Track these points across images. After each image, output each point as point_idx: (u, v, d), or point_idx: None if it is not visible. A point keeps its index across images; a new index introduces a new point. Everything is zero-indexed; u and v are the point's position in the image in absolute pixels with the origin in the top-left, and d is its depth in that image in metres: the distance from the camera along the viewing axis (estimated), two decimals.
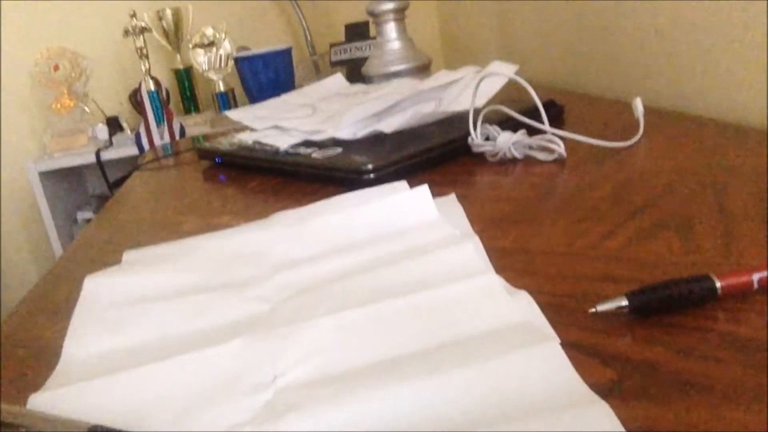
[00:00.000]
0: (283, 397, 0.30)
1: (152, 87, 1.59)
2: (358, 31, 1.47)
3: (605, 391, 0.28)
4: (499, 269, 0.41)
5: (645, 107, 0.69)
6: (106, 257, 0.58)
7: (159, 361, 0.35)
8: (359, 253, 0.46)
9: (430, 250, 0.44)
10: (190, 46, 1.73)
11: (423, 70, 1.12)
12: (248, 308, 0.40)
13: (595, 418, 0.26)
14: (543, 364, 0.30)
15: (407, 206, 0.52)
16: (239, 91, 1.65)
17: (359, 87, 1.02)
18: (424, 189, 0.53)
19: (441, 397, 0.29)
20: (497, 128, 0.67)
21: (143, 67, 1.62)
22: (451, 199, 0.56)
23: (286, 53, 1.14)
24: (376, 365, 0.32)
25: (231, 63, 1.66)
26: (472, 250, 0.43)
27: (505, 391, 0.29)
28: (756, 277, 0.34)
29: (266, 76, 1.11)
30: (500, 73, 0.71)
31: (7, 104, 1.95)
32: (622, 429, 0.25)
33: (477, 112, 0.69)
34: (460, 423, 0.27)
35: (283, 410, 0.29)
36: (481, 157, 0.68)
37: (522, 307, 0.35)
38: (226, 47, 1.70)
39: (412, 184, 0.60)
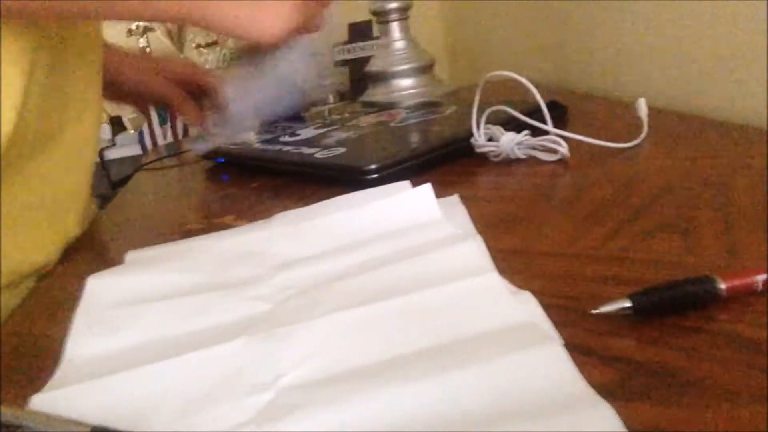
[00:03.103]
0: (284, 397, 0.30)
1: None
2: (361, 31, 1.47)
3: (608, 392, 0.28)
4: (502, 270, 0.41)
5: (648, 107, 0.69)
6: (109, 256, 0.58)
7: (160, 361, 0.35)
8: (361, 252, 0.45)
9: (431, 249, 0.44)
10: (193, 45, 1.73)
11: (426, 69, 1.12)
12: (249, 308, 0.40)
13: (598, 419, 0.26)
14: (546, 364, 0.30)
15: (410, 205, 0.52)
16: None
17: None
18: (426, 188, 0.53)
19: (442, 397, 0.29)
20: (500, 129, 0.67)
21: None
22: (454, 200, 0.56)
23: None
24: (377, 365, 0.32)
25: None
26: (475, 249, 0.43)
27: (507, 391, 0.28)
28: (760, 278, 0.33)
29: None
30: (502, 74, 0.71)
31: None
32: (625, 431, 0.25)
33: (480, 112, 0.69)
34: (461, 423, 0.27)
35: (285, 410, 0.29)
36: (484, 157, 0.68)
37: (525, 308, 0.35)
38: (230, 46, 1.70)
39: (414, 185, 0.60)
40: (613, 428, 0.25)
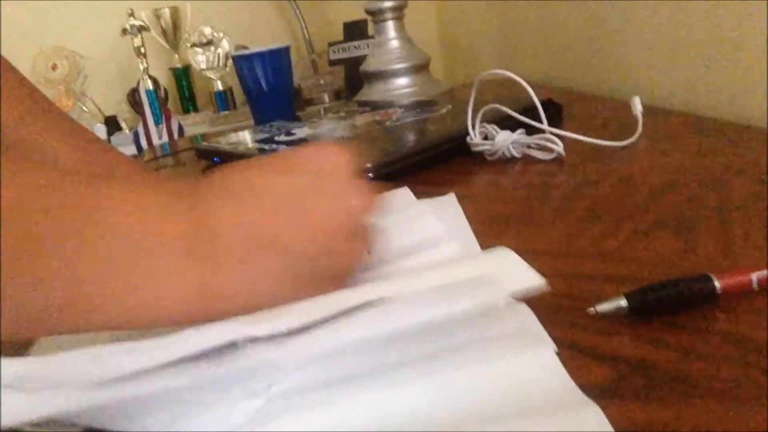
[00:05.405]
0: (276, 402, 0.30)
1: (150, 86, 1.59)
2: (356, 30, 1.46)
3: (604, 391, 0.28)
4: None
5: (643, 106, 0.69)
6: None
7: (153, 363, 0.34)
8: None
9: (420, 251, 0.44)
10: (189, 45, 1.72)
11: (421, 68, 1.12)
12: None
13: (586, 420, 0.26)
14: (536, 367, 0.30)
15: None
16: (238, 90, 1.65)
17: None
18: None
19: (434, 398, 0.29)
20: (495, 127, 0.67)
21: (141, 67, 1.62)
22: (450, 198, 0.56)
23: (285, 52, 1.13)
24: (371, 371, 0.32)
25: (229, 62, 1.65)
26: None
27: (498, 393, 0.29)
28: (755, 276, 0.33)
29: (264, 74, 1.11)
30: (498, 72, 0.71)
31: None
32: (612, 431, 0.25)
33: (475, 111, 0.69)
34: (452, 424, 0.27)
35: (275, 414, 0.29)
36: (479, 156, 0.68)
37: (518, 318, 0.35)
38: (225, 46, 1.70)
39: (410, 183, 0.60)
40: (601, 429, 0.25)
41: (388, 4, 1.09)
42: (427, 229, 0.48)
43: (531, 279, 0.33)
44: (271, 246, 0.33)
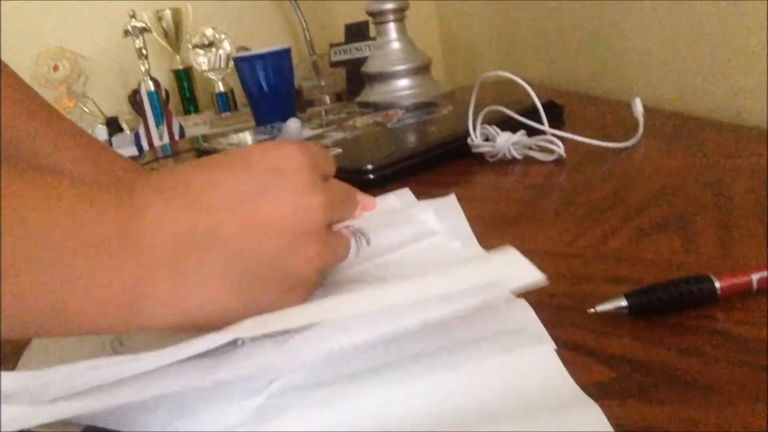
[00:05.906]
0: (275, 400, 0.30)
1: (152, 87, 1.59)
2: (357, 32, 1.47)
3: (604, 390, 0.28)
4: None
5: (644, 108, 0.69)
6: None
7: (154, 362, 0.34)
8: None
9: (424, 250, 0.44)
10: (190, 46, 1.73)
11: (423, 70, 1.12)
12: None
13: (585, 419, 0.26)
14: (535, 366, 0.30)
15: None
16: (239, 92, 1.65)
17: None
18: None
19: (433, 397, 0.29)
20: (497, 129, 0.67)
21: (143, 68, 1.62)
22: (450, 200, 0.56)
23: (286, 53, 1.13)
24: (371, 370, 0.32)
25: (230, 63, 1.65)
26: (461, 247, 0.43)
27: (497, 392, 0.29)
28: (755, 277, 0.34)
29: (266, 76, 1.11)
30: (499, 74, 0.71)
31: None
32: (611, 430, 0.25)
33: (476, 112, 0.69)
34: (450, 422, 0.27)
35: (277, 411, 0.29)
36: (480, 157, 0.68)
37: (518, 316, 0.35)
38: (226, 47, 1.70)
39: (411, 185, 0.60)
40: (600, 428, 0.25)
41: (389, 6, 1.09)
42: (424, 225, 0.48)
43: (531, 276, 0.33)
44: (207, 246, 0.30)
